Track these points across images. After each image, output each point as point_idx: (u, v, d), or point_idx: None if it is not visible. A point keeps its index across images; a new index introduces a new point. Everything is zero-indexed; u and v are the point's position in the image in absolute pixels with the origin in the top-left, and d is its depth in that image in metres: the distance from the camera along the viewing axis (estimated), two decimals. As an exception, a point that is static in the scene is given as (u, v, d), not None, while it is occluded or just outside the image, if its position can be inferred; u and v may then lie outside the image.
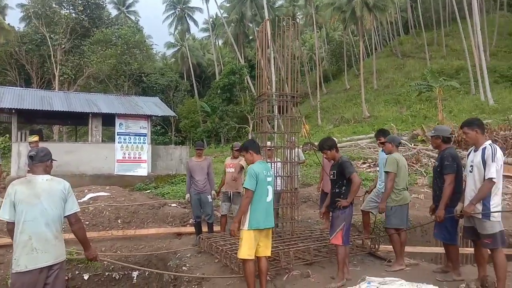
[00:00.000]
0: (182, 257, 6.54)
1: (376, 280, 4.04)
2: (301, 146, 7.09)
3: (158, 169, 15.77)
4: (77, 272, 6.64)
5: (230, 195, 7.12)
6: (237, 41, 44.38)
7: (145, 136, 15.43)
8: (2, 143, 24.59)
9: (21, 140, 14.25)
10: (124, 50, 27.71)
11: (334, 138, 5.44)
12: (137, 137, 15.21)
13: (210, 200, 7.03)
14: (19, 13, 34.43)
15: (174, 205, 9.68)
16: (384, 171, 5.40)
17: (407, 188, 5.55)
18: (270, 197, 4.49)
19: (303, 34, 50.89)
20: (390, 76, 39.09)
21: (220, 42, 53.88)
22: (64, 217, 3.57)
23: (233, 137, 31.25)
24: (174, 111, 22.60)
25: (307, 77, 46.29)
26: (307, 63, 53.04)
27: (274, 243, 4.84)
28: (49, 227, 3.43)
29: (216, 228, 7.43)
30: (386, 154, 5.64)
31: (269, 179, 4.50)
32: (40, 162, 3.58)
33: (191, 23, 51.11)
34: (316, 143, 14.81)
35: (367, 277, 4.23)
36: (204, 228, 7.26)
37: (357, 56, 44.80)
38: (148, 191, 12.98)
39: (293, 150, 6.71)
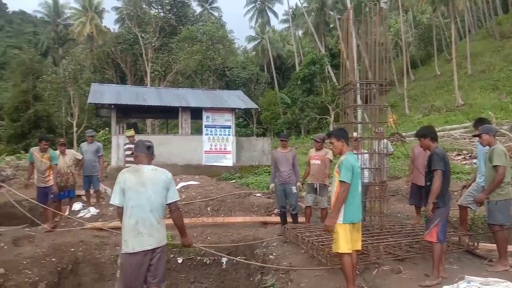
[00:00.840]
0: (269, 245, 6.69)
1: (477, 280, 3.78)
2: (388, 136, 6.85)
3: (242, 160, 16.25)
4: (171, 256, 7.12)
5: (317, 186, 7.09)
6: (318, 30, 43.66)
7: (230, 128, 15.96)
8: (102, 135, 27.16)
9: (119, 133, 15.56)
10: (209, 45, 28.82)
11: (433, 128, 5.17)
12: (222, 129, 15.80)
13: (295, 191, 7.06)
14: (114, 15, 37.47)
15: (259, 195, 9.91)
16: (493, 165, 4.92)
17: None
18: (359, 189, 4.41)
19: (387, 19, 48.46)
20: (486, 60, 35.64)
21: (300, 32, 53.44)
22: (166, 204, 3.86)
23: (313, 128, 30.99)
24: (255, 104, 23.04)
25: (393, 64, 44.08)
26: (392, 49, 50.49)
27: (362, 237, 4.74)
28: (153, 213, 3.75)
29: (301, 219, 7.47)
30: (484, 146, 5.20)
31: (358, 170, 4.43)
32: (149, 153, 3.91)
33: (271, 15, 51.51)
34: (404, 134, 14.17)
35: (466, 276, 3.98)
36: (289, 219, 7.34)
37: (448, 39, 41.53)
38: (234, 181, 13.45)
39: (381, 141, 6.48)
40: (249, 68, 36.78)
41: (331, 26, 46.68)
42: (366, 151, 6.70)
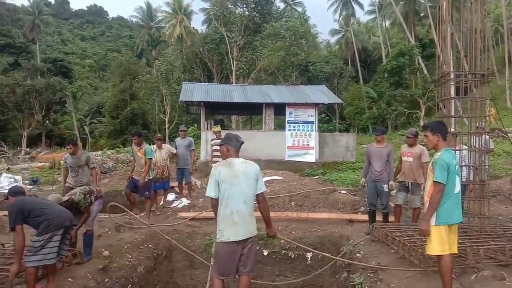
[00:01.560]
0: (355, 243, 6.53)
1: None
2: (488, 132, 6.22)
3: (325, 156, 16.04)
4: (258, 248, 7.28)
5: (408, 185, 6.73)
6: (407, 20, 41.31)
7: (313, 123, 15.84)
8: (192, 131, 28.62)
9: (207, 128, 16.27)
10: (292, 41, 28.81)
11: None
12: (305, 125, 15.74)
13: (387, 189, 6.75)
14: (201, 16, 39.16)
15: (344, 192, 9.71)
16: None
17: None
18: (458, 188, 4.08)
19: (487, 4, 44.18)
20: None
21: (387, 23, 50.97)
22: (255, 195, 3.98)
23: (401, 124, 29.43)
24: (339, 98, 22.52)
25: (492, 53, 40.12)
26: (492, 37, 45.95)
27: (459, 239, 4.40)
28: (246, 204, 3.90)
29: (390, 218, 7.16)
30: None
31: (457, 167, 4.10)
32: (240, 147, 4.10)
33: (356, 7, 49.84)
34: (505, 129, 12.83)
35: None
36: (378, 217, 7.08)
37: (562, 23, 36.71)
38: (316, 177, 13.33)
39: (482, 137, 5.94)
40: (333, 62, 36.06)
41: (422, 14, 43.86)
42: (466, 147, 6.19)
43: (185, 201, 9.08)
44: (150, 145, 8.55)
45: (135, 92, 35.36)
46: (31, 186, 13.23)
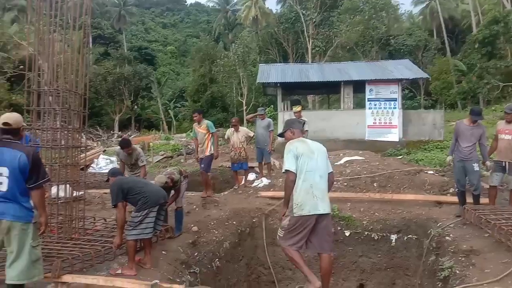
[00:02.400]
0: (444, 226, 6.20)
1: None
2: None
3: (409, 135, 15.27)
4: (339, 228, 7.26)
5: (505, 165, 6.17)
6: (502, -18, 37.10)
7: (396, 101, 15.11)
8: (268, 112, 28.90)
9: (284, 109, 16.31)
10: (371, 15, 27.47)
11: None
12: (387, 103, 15.07)
13: (477, 169, 6.24)
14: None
15: (431, 172, 9.18)
16: None
17: None
18: None
19: None
20: None
21: (478, -13, 46.27)
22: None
23: (495, 99, 26.87)
24: (424, 73, 21.10)
25: None
26: None
27: None
28: (322, 179, 3.90)
29: (483, 200, 6.65)
30: None
31: None
32: (302, 128, 4.25)
33: (441, -27, 45.83)
34: None
35: None
36: (468, 199, 6.62)
37: None
38: (400, 156, 12.77)
39: None
40: (416, 35, 33.75)
41: (520, -25, 39.07)
42: None
43: (265, 181, 9.27)
44: (229, 127, 8.83)
45: (214, 76, 36.45)
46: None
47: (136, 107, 42.83)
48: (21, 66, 24.32)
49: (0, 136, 3.58)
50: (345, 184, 8.46)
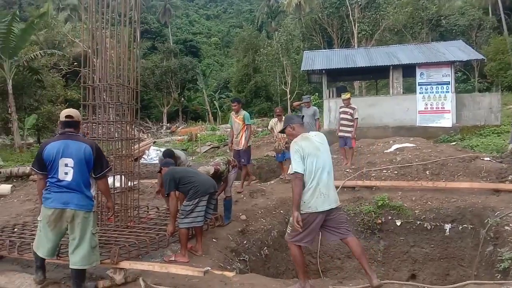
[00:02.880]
0: (503, 215, 5.89)
1: None
2: None
3: (463, 120, 14.55)
4: (389, 218, 7.09)
5: None
6: None
7: (448, 84, 14.42)
8: (313, 100, 28.56)
9: (330, 97, 16.04)
10: (422, -6, 26.29)
11: None
12: (439, 86, 14.42)
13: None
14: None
15: (488, 159, 8.70)
16: None
17: None
18: None
19: None
20: None
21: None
22: None
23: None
24: (479, 54, 19.90)
25: None
26: None
27: None
28: (329, 175, 3.88)
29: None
30: None
31: None
32: (301, 122, 4.22)
33: None
34: None
35: None
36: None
37: None
38: (454, 143, 12.21)
39: None
40: (469, 13, 31.77)
41: None
42: None
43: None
44: (273, 117, 8.77)
45: (258, 65, 36.48)
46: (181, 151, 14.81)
47: (182, 99, 43.86)
48: (75, 63, 25.63)
49: (63, 129, 3.81)
50: (396, 172, 8.24)
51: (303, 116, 5.27)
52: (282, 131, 4.39)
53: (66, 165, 3.65)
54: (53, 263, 4.41)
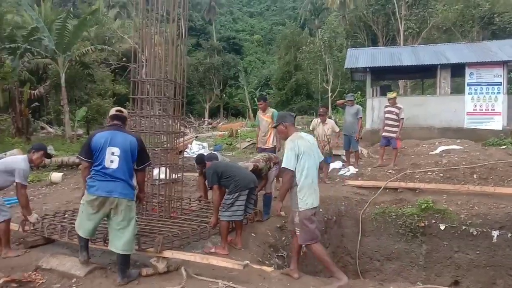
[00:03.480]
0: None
1: None
2: None
3: (515, 122, 13.81)
4: (433, 221, 6.89)
5: None
6: None
7: (500, 85, 13.74)
8: (356, 99, 28.04)
9: (373, 96, 15.69)
10: (474, -9, 25.11)
11: None
12: (490, 87, 13.76)
13: None
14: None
15: (543, 164, 8.24)
16: None
17: None
18: None
19: None
20: None
21: None
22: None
23: None
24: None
25: None
26: None
27: None
28: (318, 172, 4.28)
29: None
30: None
31: None
32: (293, 121, 4.39)
33: None
34: None
35: None
36: None
37: None
38: (504, 146, 11.61)
39: None
40: (527, 11, 29.99)
41: None
42: None
43: (352, 170, 9.08)
44: (315, 117, 8.63)
45: (299, 63, 36.25)
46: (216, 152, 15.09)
47: (224, 95, 44.44)
48: (124, 58, 26.58)
49: (112, 121, 4.07)
50: (441, 175, 7.98)
51: (296, 115, 5.20)
52: (275, 127, 4.60)
53: (112, 153, 3.86)
54: (100, 249, 4.66)
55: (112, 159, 3.86)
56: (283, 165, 4.06)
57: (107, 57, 25.83)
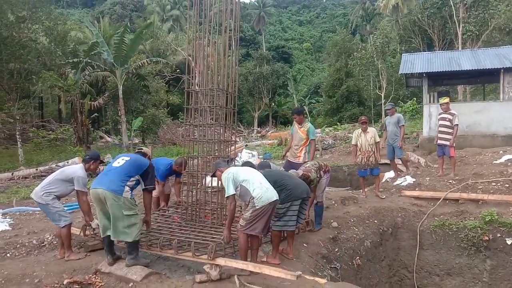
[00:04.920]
0: None
1: None
2: None
3: None
4: (498, 235, 6.42)
5: None
6: None
7: None
8: (410, 106, 27.02)
9: (430, 102, 15.01)
10: (540, -12, 23.46)
11: None
12: (561, 91, 12.70)
13: None
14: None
15: None
16: None
17: None
18: None
19: None
20: None
21: None
22: None
23: None
24: None
25: None
26: None
27: None
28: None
29: None
30: None
31: None
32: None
33: None
34: None
35: None
36: None
37: None
38: None
39: None
40: None
41: None
42: None
43: (409, 179, 8.69)
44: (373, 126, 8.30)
45: (350, 69, 35.60)
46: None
47: (273, 104, 44.60)
48: (178, 70, 27.51)
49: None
50: (507, 185, 7.44)
51: (231, 159, 5.06)
52: (212, 176, 5.09)
53: (123, 158, 4.64)
54: (155, 254, 4.78)
55: (120, 161, 4.59)
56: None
57: (162, 69, 26.86)
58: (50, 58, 18.59)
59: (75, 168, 5.08)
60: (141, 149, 5.59)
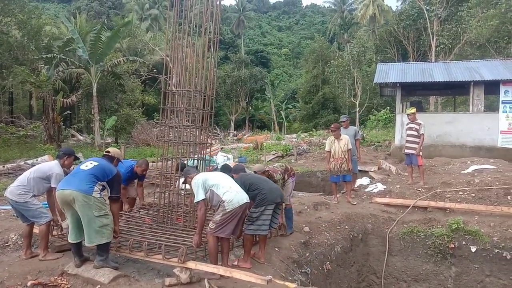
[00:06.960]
0: None
1: None
2: None
3: (552, 143, 13.20)
4: (464, 243, 6.63)
5: None
6: None
7: (537, 104, 13.21)
8: (383, 114, 27.64)
9: (403, 111, 15.38)
10: (509, 7, 24.41)
11: None
12: (525, 106, 13.26)
13: None
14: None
15: None
16: None
17: None
18: None
19: None
20: None
21: None
22: None
23: None
24: None
25: None
26: None
27: None
28: None
29: None
30: None
31: None
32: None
33: None
34: None
35: None
36: None
37: None
38: (542, 167, 11.12)
39: None
40: None
41: None
42: None
43: (380, 186, 8.87)
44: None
45: (327, 77, 36.16)
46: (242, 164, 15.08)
47: (250, 108, 44.70)
48: (154, 70, 27.16)
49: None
50: (473, 195, 7.69)
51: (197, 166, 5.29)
52: (184, 183, 5.18)
53: (91, 162, 4.53)
54: (124, 256, 4.70)
55: (88, 164, 4.49)
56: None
57: (138, 68, 26.47)
58: (22, 52, 18.07)
59: (50, 164, 4.96)
60: (108, 151, 5.11)
